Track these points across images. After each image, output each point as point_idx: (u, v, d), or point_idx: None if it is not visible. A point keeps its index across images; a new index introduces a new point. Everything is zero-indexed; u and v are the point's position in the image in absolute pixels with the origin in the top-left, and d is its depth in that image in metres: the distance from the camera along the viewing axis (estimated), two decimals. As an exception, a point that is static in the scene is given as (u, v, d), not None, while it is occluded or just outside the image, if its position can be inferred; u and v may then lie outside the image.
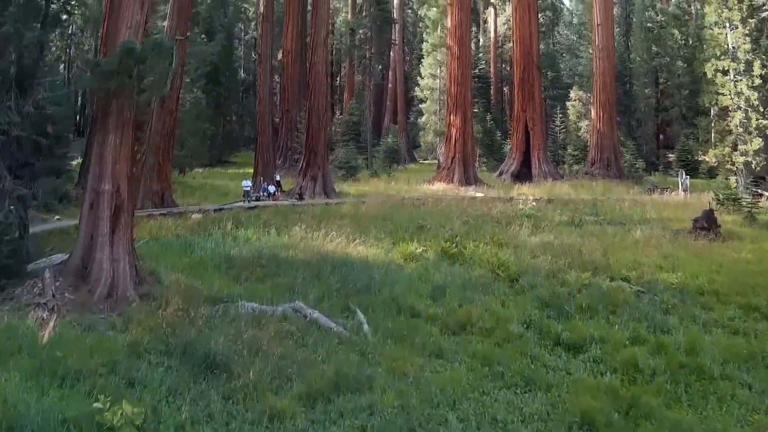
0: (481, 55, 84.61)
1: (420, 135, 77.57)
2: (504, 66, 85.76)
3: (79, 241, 17.07)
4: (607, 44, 55.94)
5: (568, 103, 69.70)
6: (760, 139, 42.19)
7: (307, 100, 44.45)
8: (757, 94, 42.62)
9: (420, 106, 75.10)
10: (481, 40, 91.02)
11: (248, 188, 36.80)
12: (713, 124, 50.51)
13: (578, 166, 58.33)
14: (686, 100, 66.18)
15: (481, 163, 65.20)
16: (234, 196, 38.16)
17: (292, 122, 59.76)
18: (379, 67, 79.74)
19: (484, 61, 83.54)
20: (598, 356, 14.50)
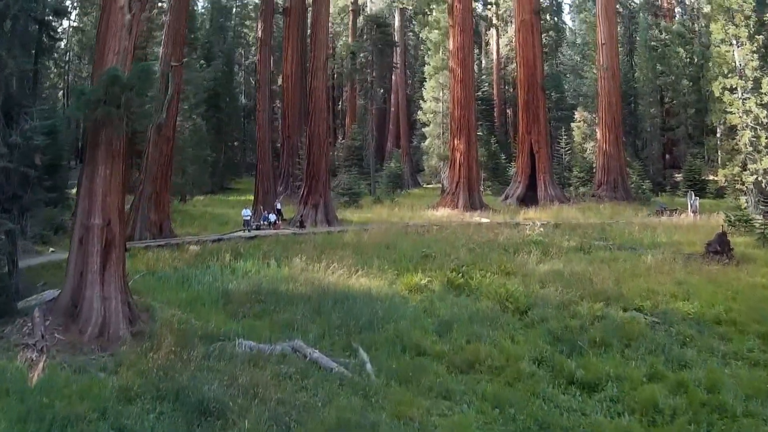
0: (483, 76, 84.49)
1: (423, 159, 77.08)
2: (507, 87, 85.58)
3: (69, 278, 16.61)
4: (612, 64, 55.53)
5: (572, 124, 69.19)
6: (771, 158, 41.65)
7: (307, 125, 43.83)
8: (766, 112, 42.15)
9: (423, 130, 74.55)
10: (483, 62, 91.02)
11: (248, 217, 36.24)
12: (722, 143, 49.92)
13: (584, 189, 57.68)
14: (692, 119, 65.99)
15: (486, 187, 64.55)
16: (234, 225, 37.70)
17: (293, 148, 59.20)
18: (381, 91, 79.70)
19: (486, 83, 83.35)
20: (615, 396, 14.17)
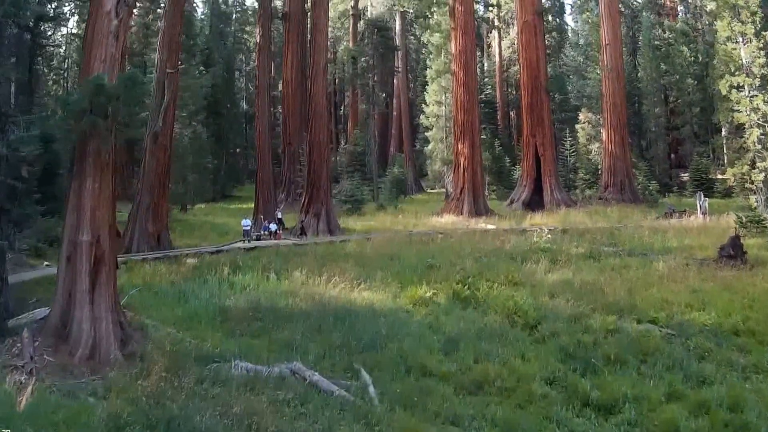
0: (486, 79, 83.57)
1: (427, 163, 76.38)
2: (510, 90, 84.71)
3: (57, 298, 15.92)
4: (616, 64, 54.66)
5: (577, 126, 68.41)
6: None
7: (307, 132, 42.95)
8: (774, 110, 41.39)
9: (426, 134, 73.83)
10: (486, 65, 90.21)
11: (248, 227, 35.40)
12: (729, 142, 49.16)
13: (591, 191, 56.86)
14: (697, 118, 65.17)
15: (491, 191, 63.68)
16: (234, 235, 36.95)
17: (294, 154, 58.21)
18: (383, 95, 78.90)
19: (489, 86, 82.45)
20: (633, 419, 13.33)
